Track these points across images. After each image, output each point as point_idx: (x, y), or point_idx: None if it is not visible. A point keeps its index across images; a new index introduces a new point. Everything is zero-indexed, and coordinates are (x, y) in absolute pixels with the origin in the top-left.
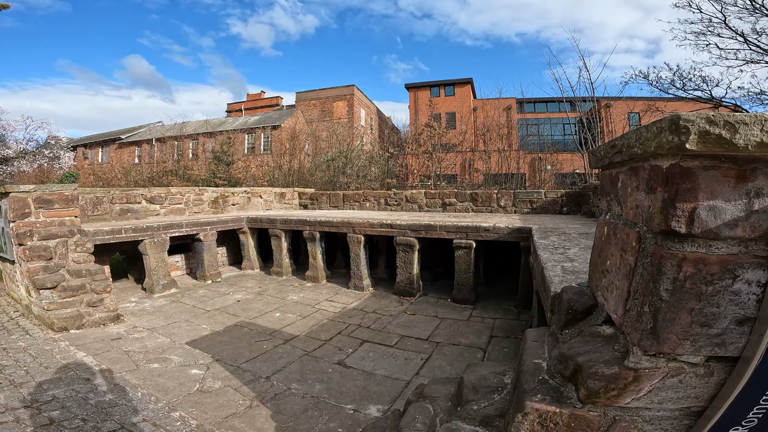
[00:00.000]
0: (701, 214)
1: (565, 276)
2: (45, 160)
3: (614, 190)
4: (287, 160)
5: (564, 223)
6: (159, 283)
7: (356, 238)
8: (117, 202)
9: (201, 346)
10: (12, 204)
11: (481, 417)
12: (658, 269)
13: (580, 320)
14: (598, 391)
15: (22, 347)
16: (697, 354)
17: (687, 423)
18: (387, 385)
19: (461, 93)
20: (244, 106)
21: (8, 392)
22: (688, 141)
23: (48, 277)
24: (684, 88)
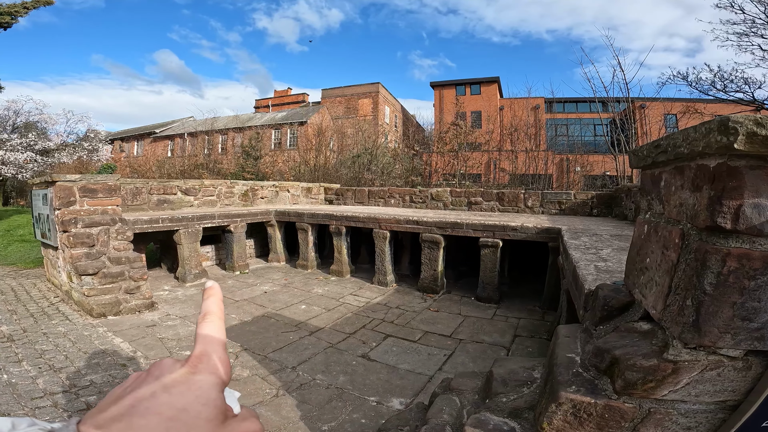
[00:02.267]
0: (746, 211)
1: (599, 275)
2: (84, 152)
3: (656, 190)
4: (313, 156)
5: (595, 225)
6: (191, 273)
7: (382, 234)
8: (154, 192)
9: (230, 335)
10: (58, 192)
11: (510, 409)
12: (703, 264)
13: (615, 317)
14: (636, 383)
15: (62, 332)
16: (737, 348)
17: (721, 417)
18: (410, 379)
19: (487, 92)
20: (271, 102)
21: (47, 377)
22: (737, 141)
23: (90, 263)
24: (725, 89)
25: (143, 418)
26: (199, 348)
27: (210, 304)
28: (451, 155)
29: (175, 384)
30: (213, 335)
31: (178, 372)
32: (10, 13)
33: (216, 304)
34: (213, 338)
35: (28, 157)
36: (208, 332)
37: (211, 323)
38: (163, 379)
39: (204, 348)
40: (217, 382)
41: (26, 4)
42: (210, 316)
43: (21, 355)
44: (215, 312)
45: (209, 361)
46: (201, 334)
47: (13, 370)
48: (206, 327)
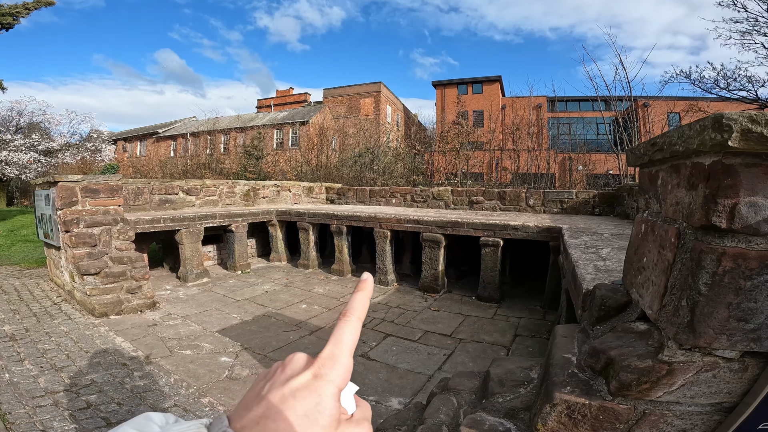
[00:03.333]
0: (742, 210)
1: (598, 274)
2: (87, 152)
3: (653, 188)
4: (315, 156)
5: (596, 224)
6: (192, 272)
7: (383, 234)
8: (156, 192)
9: (231, 335)
10: (60, 192)
11: (506, 409)
12: (698, 263)
13: (612, 317)
14: (630, 384)
15: (64, 332)
16: (733, 349)
17: (717, 419)
18: (409, 379)
19: (489, 91)
20: (273, 102)
21: (49, 376)
22: (731, 139)
23: (92, 263)
24: (728, 88)
25: (274, 423)
26: (328, 349)
27: (356, 301)
28: (452, 154)
29: (300, 389)
30: (346, 338)
31: (303, 376)
32: (12, 13)
33: (362, 302)
34: (345, 341)
35: (31, 157)
36: (343, 333)
37: (350, 324)
38: (292, 382)
39: (333, 351)
40: (335, 391)
41: (27, 4)
42: (351, 315)
43: (23, 354)
44: (358, 312)
45: (333, 367)
46: (336, 333)
47: (15, 369)
48: (343, 327)
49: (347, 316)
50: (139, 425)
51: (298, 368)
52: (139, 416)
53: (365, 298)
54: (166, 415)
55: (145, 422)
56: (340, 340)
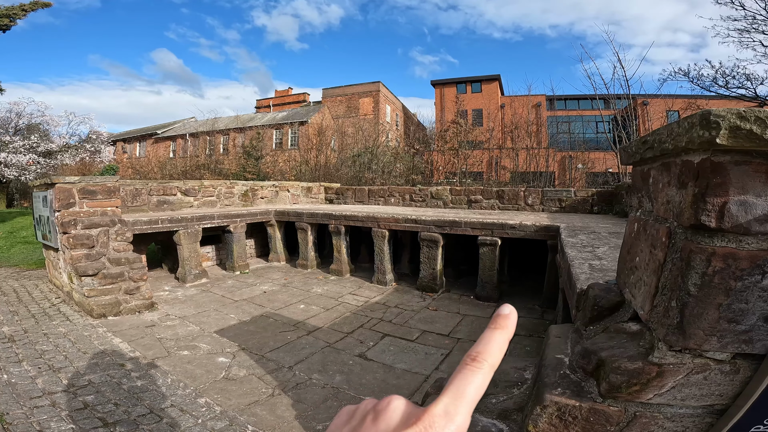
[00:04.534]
0: (732, 209)
1: (593, 273)
2: (87, 153)
3: (645, 187)
4: (314, 156)
5: (594, 223)
6: (191, 273)
7: (381, 233)
8: (154, 193)
9: (228, 335)
10: (58, 194)
11: (498, 410)
12: (687, 264)
13: (605, 317)
14: (620, 386)
15: (62, 333)
16: (724, 350)
17: (709, 421)
18: (406, 379)
19: (488, 90)
20: (272, 102)
21: (47, 377)
22: (719, 136)
23: (90, 264)
24: (727, 86)
25: None
26: (444, 403)
27: (492, 343)
28: (451, 153)
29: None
30: (470, 391)
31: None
32: (9, 15)
33: (499, 344)
34: (468, 396)
35: (30, 159)
36: (467, 385)
37: (480, 374)
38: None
39: (449, 407)
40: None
41: (24, 6)
42: (483, 362)
43: (21, 356)
44: (493, 357)
45: (447, 427)
46: (457, 382)
47: (13, 370)
48: (470, 376)
49: (478, 362)
50: None
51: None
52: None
53: (504, 340)
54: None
55: None
56: (461, 393)
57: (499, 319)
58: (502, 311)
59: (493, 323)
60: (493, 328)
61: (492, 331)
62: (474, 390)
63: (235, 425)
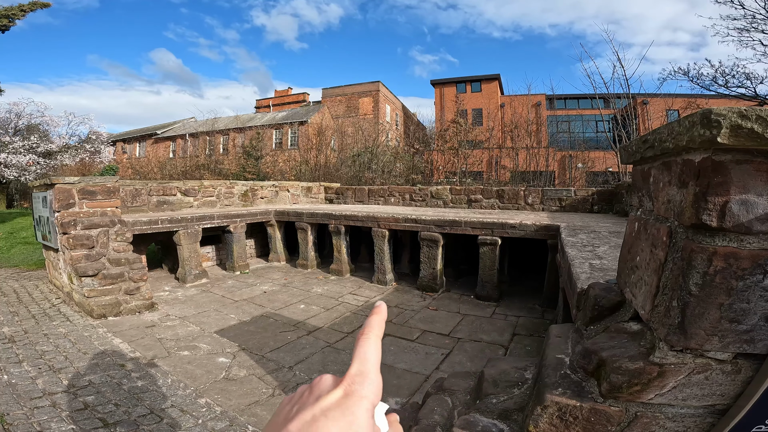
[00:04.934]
0: (733, 208)
1: (593, 273)
2: (86, 154)
3: (646, 186)
4: (314, 156)
5: (594, 222)
6: (191, 273)
7: (381, 233)
8: (154, 194)
9: (228, 335)
10: (57, 195)
11: (499, 410)
12: (688, 263)
13: (606, 316)
14: (621, 386)
15: (62, 333)
16: (725, 350)
17: (710, 421)
18: (406, 379)
19: (488, 89)
20: (272, 102)
21: (47, 377)
22: (720, 135)
23: (90, 264)
24: (726, 85)
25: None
26: (355, 367)
27: (373, 321)
28: (451, 153)
29: (331, 408)
30: (370, 355)
31: (334, 395)
32: (8, 15)
33: (379, 324)
34: (370, 358)
35: (30, 159)
36: (366, 351)
37: (371, 341)
38: (322, 401)
39: (360, 368)
40: (369, 407)
41: (23, 6)
42: (370, 333)
43: (21, 356)
44: (375, 330)
45: (363, 383)
46: (359, 352)
47: (14, 371)
48: (365, 345)
49: (366, 334)
50: None
51: (327, 387)
52: None
53: (381, 321)
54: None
55: None
56: (365, 357)
57: (375, 309)
58: (377, 304)
59: (372, 312)
60: (372, 314)
61: (372, 316)
62: (372, 354)
63: (235, 425)
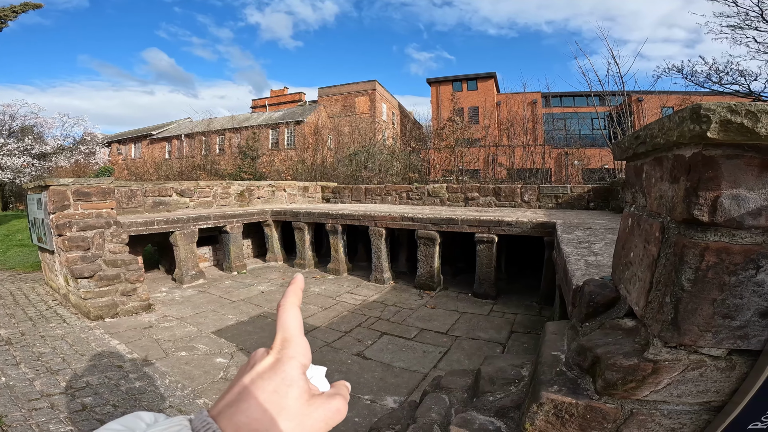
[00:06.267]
0: (724, 203)
1: (588, 269)
2: (81, 155)
3: (639, 182)
4: (310, 155)
5: (590, 219)
6: (188, 274)
7: (378, 232)
8: (150, 195)
9: (226, 336)
10: (52, 196)
11: (496, 408)
12: (680, 259)
13: (601, 313)
14: (616, 383)
15: (59, 335)
16: (719, 347)
17: (706, 418)
18: (404, 377)
19: (484, 87)
20: (267, 102)
21: (45, 379)
22: (710, 130)
23: (85, 266)
24: (720, 82)
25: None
26: (279, 335)
27: (289, 292)
28: (448, 151)
29: (265, 370)
30: (291, 322)
31: (266, 361)
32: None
33: (295, 293)
34: (290, 325)
35: (25, 161)
36: (286, 319)
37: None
38: (257, 367)
39: (283, 335)
40: (298, 365)
41: (15, 7)
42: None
43: (19, 358)
44: (293, 300)
45: (290, 347)
46: (281, 321)
47: (11, 373)
48: (284, 314)
49: (284, 304)
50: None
51: (260, 356)
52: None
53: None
54: (156, 415)
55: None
56: (286, 325)
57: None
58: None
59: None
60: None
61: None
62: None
63: None
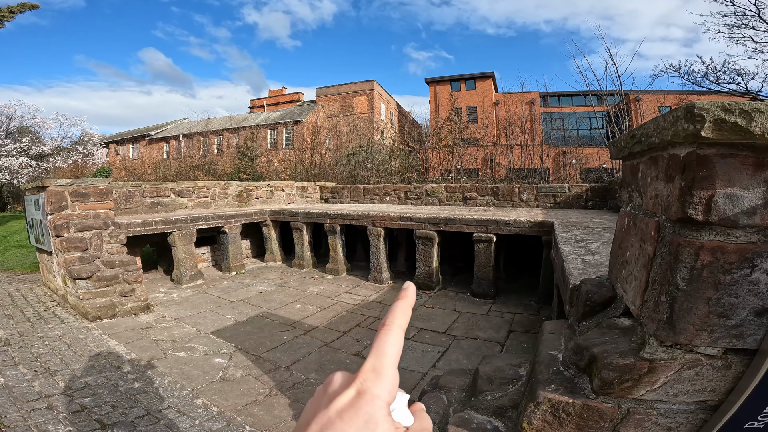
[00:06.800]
0: (719, 202)
1: (586, 269)
2: (79, 156)
3: (635, 181)
4: (309, 155)
5: (588, 218)
6: (186, 274)
7: (376, 232)
8: (148, 195)
9: (225, 336)
10: (49, 197)
11: (494, 407)
12: (675, 258)
13: (598, 312)
14: (612, 382)
15: (57, 336)
16: (715, 346)
17: (702, 417)
18: (403, 377)
19: (482, 87)
20: (266, 102)
21: (43, 380)
22: (704, 129)
23: (84, 267)
24: (718, 81)
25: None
26: (370, 362)
27: (397, 309)
28: (446, 151)
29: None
30: (389, 349)
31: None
32: None
33: (404, 312)
34: (387, 353)
35: (22, 162)
36: (385, 344)
37: (392, 334)
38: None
39: (374, 363)
40: (384, 406)
41: (12, 8)
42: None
43: (17, 359)
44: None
45: (377, 380)
46: (377, 345)
47: (10, 374)
48: (384, 337)
49: (388, 325)
50: None
51: (339, 386)
52: None
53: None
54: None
55: None
56: (382, 352)
57: (402, 292)
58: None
59: (398, 296)
60: (398, 299)
61: (398, 301)
62: (393, 348)
63: (232, 426)
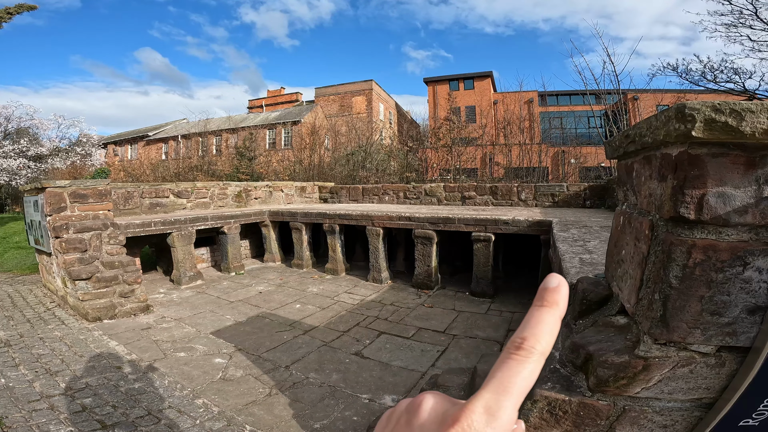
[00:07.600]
0: (710, 201)
1: (583, 267)
2: (77, 157)
3: (629, 180)
4: (308, 155)
5: (586, 217)
6: (186, 275)
7: (375, 231)
8: (146, 196)
9: (224, 336)
10: (48, 198)
11: None
12: (668, 256)
13: (594, 311)
14: (608, 380)
15: (58, 337)
16: (708, 343)
17: (697, 415)
18: (402, 376)
19: (481, 86)
20: (264, 102)
21: (44, 380)
22: (694, 128)
23: (83, 268)
24: (715, 80)
25: None
26: (485, 398)
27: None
28: (445, 150)
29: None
30: (515, 385)
31: None
32: None
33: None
34: (512, 390)
35: (21, 163)
36: (512, 377)
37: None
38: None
39: (491, 401)
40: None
41: (9, 9)
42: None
43: (18, 360)
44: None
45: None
46: (500, 374)
47: (11, 374)
48: (514, 366)
49: (524, 349)
50: None
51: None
52: None
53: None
54: None
55: None
56: (505, 388)
57: (546, 293)
58: (550, 283)
59: (539, 299)
60: (539, 305)
61: (539, 309)
62: (520, 383)
63: (233, 425)
